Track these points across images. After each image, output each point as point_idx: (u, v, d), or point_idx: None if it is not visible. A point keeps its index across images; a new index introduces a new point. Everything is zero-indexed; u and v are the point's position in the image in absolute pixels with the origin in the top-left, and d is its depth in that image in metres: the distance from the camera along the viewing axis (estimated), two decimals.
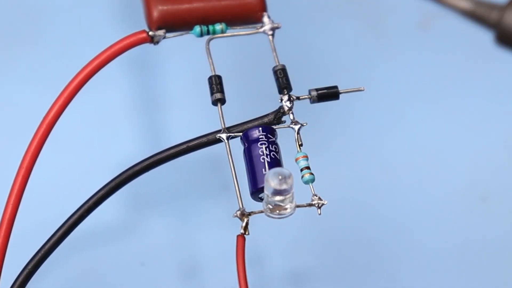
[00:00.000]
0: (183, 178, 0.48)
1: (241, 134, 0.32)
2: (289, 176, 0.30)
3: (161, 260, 0.47)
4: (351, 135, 0.51)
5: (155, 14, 0.34)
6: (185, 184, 0.48)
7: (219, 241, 0.47)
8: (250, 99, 0.45)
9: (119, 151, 0.48)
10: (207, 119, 0.50)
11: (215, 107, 0.34)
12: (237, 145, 0.34)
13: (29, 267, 0.32)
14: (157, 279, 0.47)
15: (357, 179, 0.49)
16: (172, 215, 0.48)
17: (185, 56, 0.51)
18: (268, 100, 0.35)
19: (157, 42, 0.34)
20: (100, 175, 0.46)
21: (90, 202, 0.33)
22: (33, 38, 0.54)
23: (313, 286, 0.46)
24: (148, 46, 0.34)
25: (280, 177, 0.30)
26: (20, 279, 0.32)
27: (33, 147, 0.33)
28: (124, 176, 0.33)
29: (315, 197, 0.31)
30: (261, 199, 0.31)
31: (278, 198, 0.30)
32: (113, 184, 0.33)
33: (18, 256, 0.37)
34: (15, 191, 0.33)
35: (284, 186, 0.30)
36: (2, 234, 0.33)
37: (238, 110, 0.34)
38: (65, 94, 0.33)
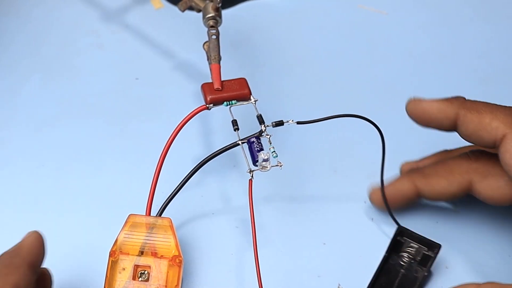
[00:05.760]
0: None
1: (247, 140, 0.78)
2: (267, 154, 0.77)
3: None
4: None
5: (208, 99, 0.80)
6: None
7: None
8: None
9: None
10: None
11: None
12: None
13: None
14: None
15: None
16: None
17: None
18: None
19: (209, 109, 0.79)
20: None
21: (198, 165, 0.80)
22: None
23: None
24: None
25: (264, 155, 0.76)
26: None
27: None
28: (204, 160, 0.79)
29: (279, 162, 0.77)
30: (256, 165, 0.77)
31: (264, 163, 0.75)
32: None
33: None
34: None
35: (266, 157, 0.75)
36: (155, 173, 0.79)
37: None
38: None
